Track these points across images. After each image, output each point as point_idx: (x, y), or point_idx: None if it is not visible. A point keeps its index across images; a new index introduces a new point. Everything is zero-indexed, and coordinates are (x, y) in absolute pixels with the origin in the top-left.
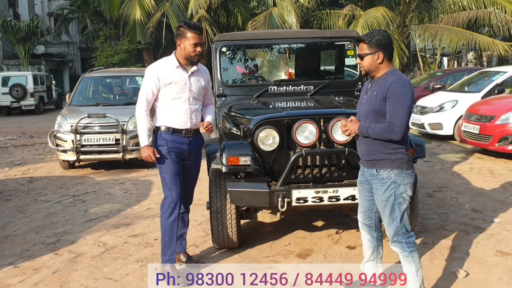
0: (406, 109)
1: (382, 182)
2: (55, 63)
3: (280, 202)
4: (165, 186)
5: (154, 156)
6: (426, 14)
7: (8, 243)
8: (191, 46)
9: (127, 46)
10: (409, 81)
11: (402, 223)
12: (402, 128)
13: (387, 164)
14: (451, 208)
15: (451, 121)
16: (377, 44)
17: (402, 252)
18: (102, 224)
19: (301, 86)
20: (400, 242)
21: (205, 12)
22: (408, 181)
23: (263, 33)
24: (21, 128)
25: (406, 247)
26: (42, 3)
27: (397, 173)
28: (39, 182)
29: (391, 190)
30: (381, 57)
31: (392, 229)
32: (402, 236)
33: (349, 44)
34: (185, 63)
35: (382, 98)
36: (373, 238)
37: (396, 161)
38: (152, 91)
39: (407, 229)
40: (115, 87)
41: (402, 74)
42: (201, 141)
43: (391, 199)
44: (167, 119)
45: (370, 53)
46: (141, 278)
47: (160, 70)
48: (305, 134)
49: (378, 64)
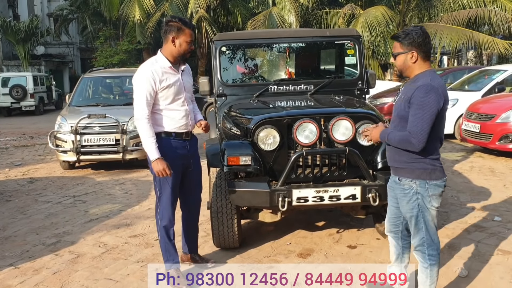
0: (428, 118)
1: (404, 192)
2: (55, 64)
3: (281, 202)
4: (161, 196)
5: (169, 169)
6: (426, 13)
7: (8, 244)
8: (187, 44)
9: (126, 46)
10: (438, 87)
11: (427, 234)
12: (421, 139)
13: (408, 174)
14: (452, 206)
15: (451, 119)
16: (410, 42)
17: (422, 263)
18: (103, 225)
19: (301, 86)
20: (423, 253)
21: (205, 11)
22: (432, 192)
23: (263, 33)
24: (21, 128)
25: (427, 259)
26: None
27: (419, 184)
28: (39, 182)
29: (414, 201)
30: (415, 56)
31: (416, 238)
32: (426, 247)
33: (349, 43)
34: (175, 61)
35: (407, 104)
36: (398, 246)
37: (417, 171)
38: (151, 96)
39: (433, 240)
40: (115, 88)
41: (434, 78)
42: (197, 141)
43: (415, 210)
44: (168, 123)
45: (403, 52)
46: (142, 279)
47: (156, 72)
48: (305, 134)
49: (411, 64)
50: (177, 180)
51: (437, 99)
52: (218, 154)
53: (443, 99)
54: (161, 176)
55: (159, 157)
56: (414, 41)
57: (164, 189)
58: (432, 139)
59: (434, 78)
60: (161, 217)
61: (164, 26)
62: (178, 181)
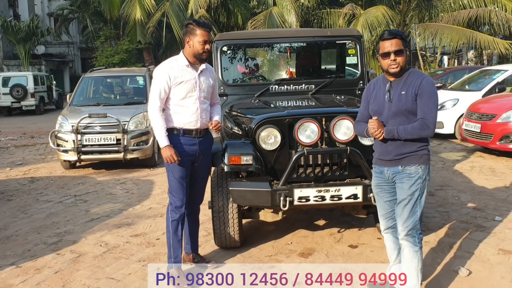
0: (437, 105)
1: (410, 176)
2: (56, 63)
3: (282, 201)
4: (170, 190)
5: (176, 156)
6: (426, 13)
7: (10, 243)
8: (200, 44)
9: (127, 46)
10: None
11: (419, 217)
12: (435, 124)
13: (415, 160)
14: (452, 206)
15: (452, 119)
16: (406, 41)
17: (412, 247)
18: (104, 224)
19: (302, 85)
20: (413, 237)
21: (205, 11)
22: (429, 177)
23: (264, 32)
24: (22, 128)
25: (417, 242)
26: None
27: (423, 169)
28: (40, 182)
29: (417, 185)
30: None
31: (410, 222)
32: (416, 230)
33: (350, 43)
34: (194, 61)
35: (413, 96)
36: (397, 240)
37: (423, 157)
38: (164, 90)
39: (420, 224)
40: (116, 87)
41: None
42: (211, 140)
43: (416, 193)
44: (177, 119)
45: (404, 49)
46: (143, 278)
47: (171, 69)
48: (306, 133)
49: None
50: (182, 172)
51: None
52: (220, 153)
53: None
54: (170, 161)
55: (167, 144)
56: (406, 39)
57: (172, 179)
58: None
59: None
60: (171, 211)
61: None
62: (184, 173)
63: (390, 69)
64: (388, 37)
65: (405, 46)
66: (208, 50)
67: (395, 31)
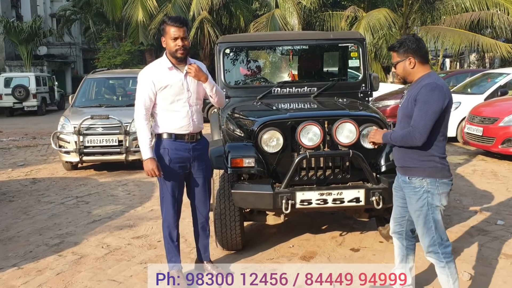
0: (431, 114)
1: (415, 190)
2: (58, 64)
3: (284, 204)
4: (162, 202)
5: (158, 170)
6: (428, 16)
7: (11, 244)
8: (172, 40)
9: (129, 47)
10: (442, 86)
11: (437, 232)
12: (422, 133)
13: (419, 172)
14: (454, 210)
15: (454, 123)
16: (405, 50)
17: (438, 263)
18: (106, 226)
19: (304, 88)
20: (436, 253)
21: (207, 13)
22: (442, 191)
23: (267, 35)
24: (24, 129)
25: (442, 257)
26: (44, 4)
27: (429, 182)
28: (42, 183)
29: (424, 199)
30: (413, 62)
31: (426, 239)
32: (438, 246)
33: (352, 46)
34: (176, 62)
35: (413, 102)
36: (403, 247)
37: (428, 170)
38: (149, 97)
39: (442, 238)
40: (118, 89)
41: (437, 78)
42: (206, 144)
43: (424, 209)
44: (168, 124)
45: (401, 60)
46: (145, 280)
47: (153, 73)
48: (309, 136)
49: (411, 70)
50: (176, 183)
51: (441, 97)
52: (222, 156)
53: (447, 98)
54: (151, 175)
55: (150, 157)
56: (409, 48)
57: (164, 191)
58: (439, 138)
59: (438, 78)
60: (163, 219)
61: None
62: (178, 183)
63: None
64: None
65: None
66: (182, 46)
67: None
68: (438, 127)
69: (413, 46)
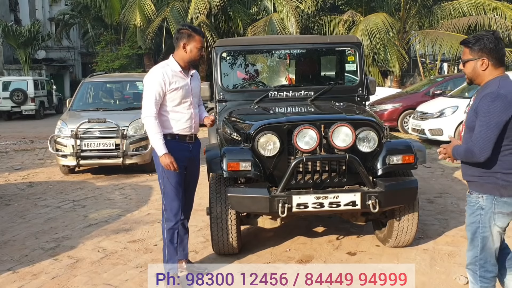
0: (493, 127)
1: (470, 205)
2: (56, 68)
3: (281, 208)
4: (166, 196)
5: (175, 163)
6: (426, 20)
7: (7, 248)
8: (198, 50)
9: (127, 51)
10: (506, 94)
11: (482, 253)
12: (483, 147)
13: (477, 187)
14: (451, 214)
15: (451, 126)
16: (481, 48)
17: (471, 283)
18: (102, 230)
19: (301, 92)
20: (474, 272)
21: (205, 17)
22: (499, 210)
23: (264, 39)
24: (22, 133)
25: (478, 280)
26: (43, 8)
27: (486, 199)
28: (39, 187)
29: (476, 216)
30: (486, 63)
31: (470, 255)
32: (478, 267)
33: (349, 50)
34: (185, 66)
35: (474, 113)
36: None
37: (486, 186)
38: (160, 96)
39: (487, 261)
40: (116, 92)
41: (504, 85)
42: (200, 145)
43: (474, 226)
44: (172, 125)
45: (473, 59)
46: (141, 284)
47: (165, 75)
48: (305, 140)
49: (481, 72)
50: (178, 178)
51: (504, 106)
52: (218, 159)
53: (506, 106)
54: (170, 169)
55: (166, 152)
56: (485, 47)
57: (168, 191)
58: (504, 152)
59: (503, 85)
60: (167, 220)
61: (176, 33)
62: (179, 179)
63: (466, 78)
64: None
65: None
66: (202, 55)
67: (466, 38)
68: (501, 140)
69: (491, 46)
